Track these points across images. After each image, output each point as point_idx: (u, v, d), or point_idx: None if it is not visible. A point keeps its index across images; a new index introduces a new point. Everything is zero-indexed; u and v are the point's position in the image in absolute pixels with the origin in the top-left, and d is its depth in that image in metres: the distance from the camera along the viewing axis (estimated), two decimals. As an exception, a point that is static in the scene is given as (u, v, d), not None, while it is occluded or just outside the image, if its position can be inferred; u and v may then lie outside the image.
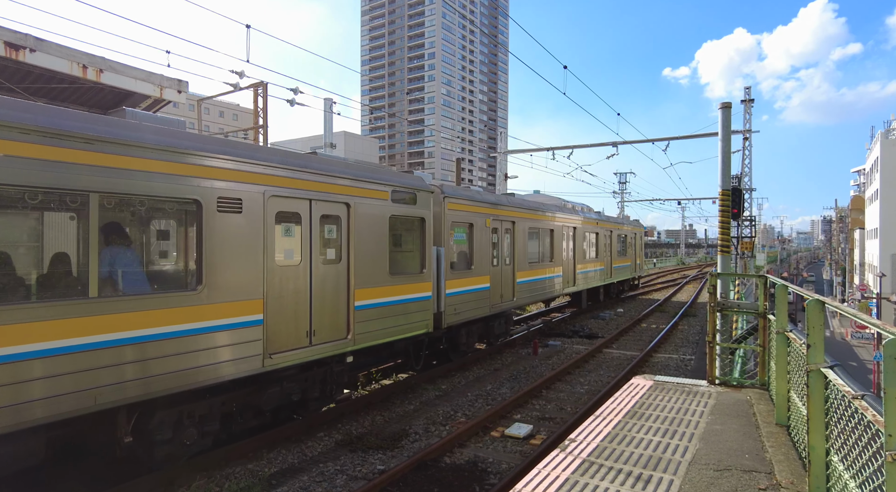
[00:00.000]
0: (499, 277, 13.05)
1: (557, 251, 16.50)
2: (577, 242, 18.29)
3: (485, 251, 12.25)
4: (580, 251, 18.59)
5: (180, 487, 6.14)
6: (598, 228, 20.64)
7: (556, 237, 16.45)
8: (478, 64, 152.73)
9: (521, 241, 14.14)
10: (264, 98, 17.92)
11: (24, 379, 4.50)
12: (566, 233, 17.43)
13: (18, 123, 4.53)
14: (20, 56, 8.13)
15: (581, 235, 18.71)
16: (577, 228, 18.41)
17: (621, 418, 5.26)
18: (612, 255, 22.26)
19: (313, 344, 7.31)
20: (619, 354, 14.10)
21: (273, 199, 6.83)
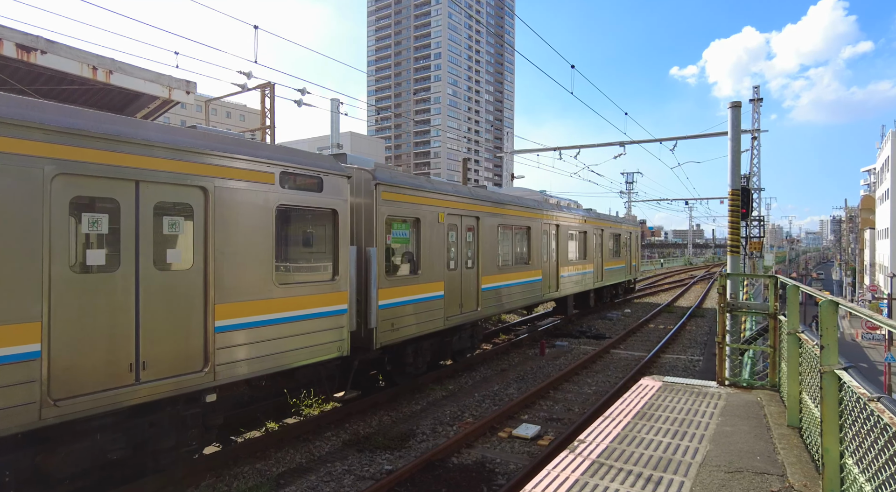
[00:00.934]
0: (457, 284, 10.97)
1: (536, 252, 14.50)
2: (560, 242, 16.30)
3: (437, 253, 10.18)
4: (564, 252, 16.62)
5: (189, 486, 6.17)
6: (586, 226, 18.71)
7: (535, 236, 14.49)
8: (484, 64, 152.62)
9: (489, 240, 12.10)
10: (271, 99, 17.98)
11: None
12: (547, 231, 15.47)
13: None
14: (31, 58, 8.20)
15: (565, 234, 16.82)
16: (561, 225, 16.42)
17: (630, 419, 5.23)
18: (602, 256, 20.40)
19: (142, 381, 5.31)
20: (627, 354, 14.04)
21: (64, 178, 4.82)
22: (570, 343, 15.30)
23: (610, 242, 21.54)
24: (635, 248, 25.77)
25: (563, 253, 16.51)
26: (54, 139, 4.75)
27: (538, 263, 14.59)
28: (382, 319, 8.63)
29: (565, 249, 16.69)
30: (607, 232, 21.10)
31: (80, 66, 8.23)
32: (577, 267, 17.90)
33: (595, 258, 19.51)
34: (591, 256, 19.09)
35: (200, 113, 61.57)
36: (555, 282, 15.94)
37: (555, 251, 15.94)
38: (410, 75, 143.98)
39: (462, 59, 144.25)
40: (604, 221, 20.96)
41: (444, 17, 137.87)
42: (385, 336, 8.73)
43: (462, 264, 11.28)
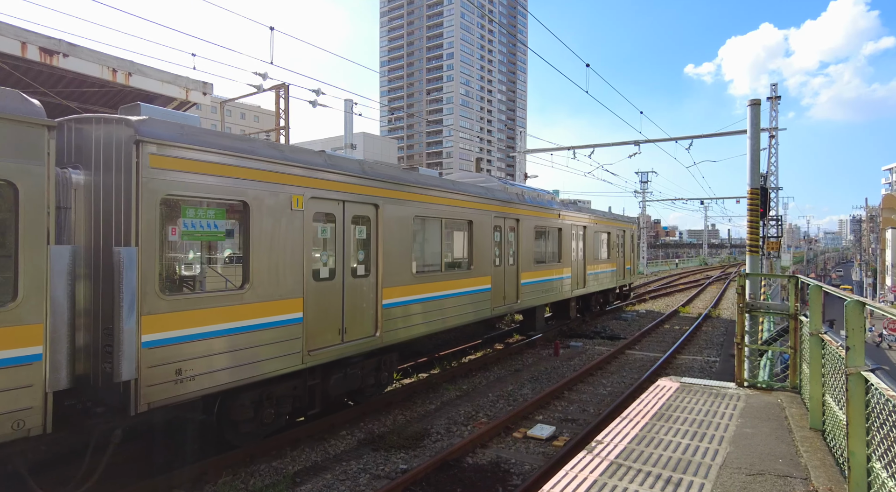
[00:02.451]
0: (331, 301, 7.54)
1: (482, 254, 11.33)
2: (523, 241, 13.13)
3: (284, 255, 6.76)
4: (528, 253, 13.44)
5: (207, 483, 6.23)
6: (560, 222, 15.29)
7: (480, 233, 11.28)
8: (496, 64, 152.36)
9: (396, 236, 8.63)
10: (286, 100, 18.12)
11: None
12: (500, 226, 12.25)
13: None
14: (54, 61, 8.36)
15: (529, 231, 13.46)
16: (524, 220, 13.13)
17: (648, 420, 5.18)
18: (585, 258, 17.13)
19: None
20: (642, 355, 13.91)
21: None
22: (585, 344, 15.21)
23: (596, 242, 18.26)
24: (630, 248, 22.18)
25: (527, 254, 13.31)
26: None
27: (485, 269, 11.40)
28: (153, 365, 5.32)
29: (529, 249, 13.43)
30: (592, 230, 17.83)
31: (101, 69, 8.36)
32: (548, 272, 14.47)
33: (573, 261, 16.19)
34: (569, 257, 15.79)
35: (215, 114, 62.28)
36: (514, 291, 12.65)
37: (514, 253, 12.84)
38: (423, 75, 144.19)
39: (475, 59, 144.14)
40: (588, 216, 17.68)
41: (456, 18, 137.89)
42: (161, 393, 5.40)
43: (344, 272, 7.79)
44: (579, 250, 16.68)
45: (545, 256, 14.66)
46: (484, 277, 11.44)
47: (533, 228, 13.74)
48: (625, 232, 21.44)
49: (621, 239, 20.98)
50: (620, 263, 20.85)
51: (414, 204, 9.16)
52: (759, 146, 8.85)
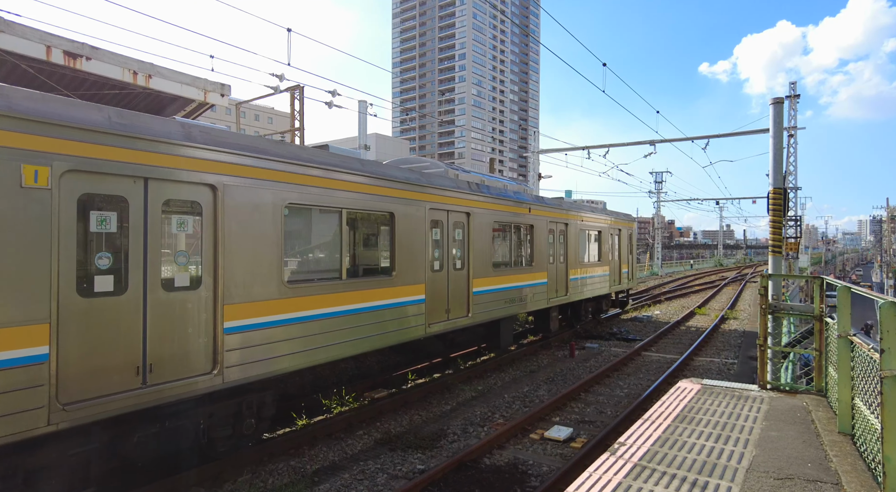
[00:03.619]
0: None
1: (407, 257, 8.84)
2: (475, 240, 10.63)
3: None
4: (484, 255, 10.90)
5: (226, 481, 6.27)
6: (529, 218, 12.71)
7: (406, 230, 8.82)
8: (509, 64, 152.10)
9: (249, 235, 6.21)
10: (301, 101, 18.24)
11: None
12: (441, 222, 9.81)
13: None
14: (77, 64, 8.49)
15: (485, 229, 10.90)
16: (476, 214, 10.64)
17: (671, 422, 5.11)
18: (565, 261, 14.51)
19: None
20: (659, 357, 13.78)
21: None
22: (601, 345, 15.09)
23: (582, 242, 15.70)
24: (626, 249, 19.37)
25: (482, 256, 10.81)
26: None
27: (415, 274, 8.95)
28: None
29: (485, 249, 10.93)
30: (576, 228, 15.20)
31: (122, 71, 8.48)
32: (513, 277, 11.98)
33: (553, 264, 13.88)
34: (544, 260, 13.30)
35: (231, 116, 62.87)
36: (462, 301, 10.23)
37: (466, 254, 10.39)
38: (435, 76, 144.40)
39: (487, 60, 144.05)
40: (571, 211, 14.98)
41: (468, 18, 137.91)
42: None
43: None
44: (559, 252, 14.15)
45: (510, 259, 12.16)
46: (412, 285, 8.90)
47: (491, 224, 11.13)
48: (620, 231, 18.74)
49: (616, 239, 18.45)
50: (615, 266, 18.18)
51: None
52: (783, 145, 8.70)
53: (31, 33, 8.06)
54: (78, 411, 4.76)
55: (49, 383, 4.58)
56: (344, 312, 7.52)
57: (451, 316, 9.95)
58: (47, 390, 4.57)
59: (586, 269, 15.89)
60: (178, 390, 5.50)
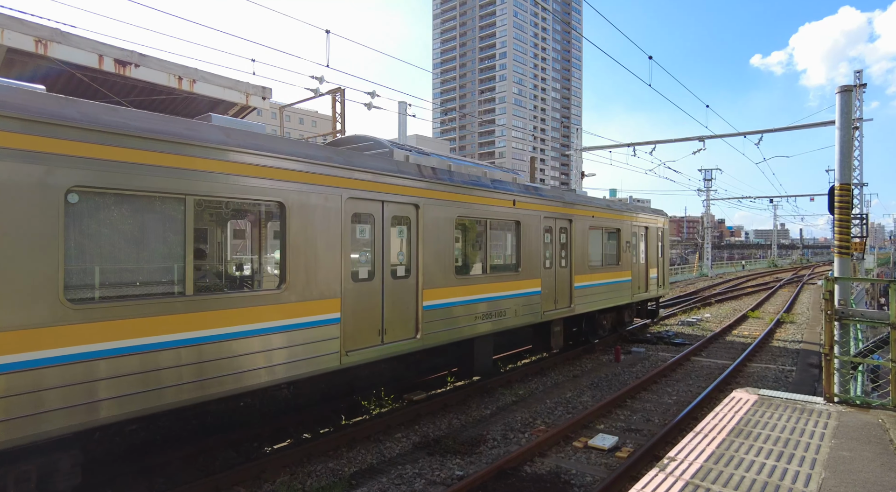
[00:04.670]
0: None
1: (305, 263, 6.58)
2: (423, 240, 8.31)
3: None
4: (437, 261, 8.54)
5: (266, 481, 6.30)
6: (513, 213, 10.30)
7: (305, 228, 6.57)
8: (550, 61, 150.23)
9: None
10: (342, 103, 18.42)
11: None
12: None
13: None
14: (127, 71, 8.79)
15: (434, 225, 8.51)
16: (424, 205, 8.32)
17: (725, 435, 4.77)
18: (571, 265, 12.20)
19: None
20: (709, 362, 13.15)
21: None
22: (647, 349, 14.55)
23: (592, 243, 13.28)
24: (655, 250, 16.56)
25: (438, 261, 8.58)
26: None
27: (327, 286, 6.79)
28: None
29: (445, 252, 8.69)
30: (584, 225, 12.75)
31: (168, 77, 8.73)
32: (489, 287, 9.69)
33: (550, 269, 11.49)
34: (535, 265, 10.88)
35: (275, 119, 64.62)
36: (409, 320, 8.07)
37: (413, 258, 8.22)
38: (475, 76, 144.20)
39: (528, 58, 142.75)
40: (571, 205, 12.28)
41: (509, 17, 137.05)
42: None
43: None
44: (558, 255, 11.76)
45: (484, 263, 9.74)
46: (321, 300, 6.65)
47: (452, 219, 8.83)
48: (647, 229, 15.93)
49: (641, 238, 15.69)
50: (640, 270, 15.49)
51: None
52: (851, 138, 8.08)
53: (84, 43, 8.38)
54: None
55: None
56: (189, 341, 5.39)
57: (389, 338, 7.67)
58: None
59: (598, 274, 13.36)
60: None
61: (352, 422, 8.33)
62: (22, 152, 4.37)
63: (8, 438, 4.23)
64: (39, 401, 4.40)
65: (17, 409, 4.28)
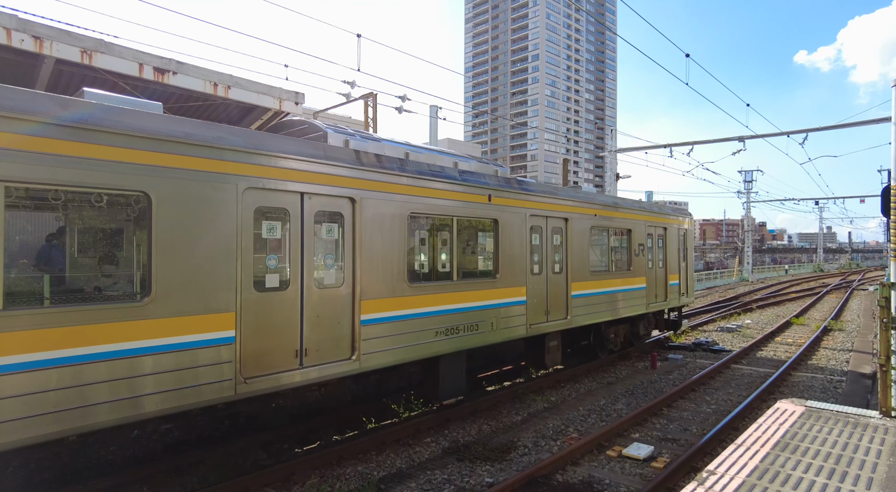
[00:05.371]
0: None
1: (174, 270, 5.23)
2: (364, 242, 6.90)
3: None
4: (382, 265, 7.13)
5: (296, 484, 6.32)
6: (490, 211, 8.89)
7: (179, 227, 5.28)
8: (584, 62, 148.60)
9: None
10: (374, 108, 18.57)
11: None
12: (246, 210, 5.80)
13: None
14: (165, 79, 9.05)
15: (381, 224, 7.12)
16: (362, 200, 6.88)
17: (769, 449, 4.52)
18: (564, 270, 10.61)
19: None
20: (751, 370, 12.63)
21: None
22: (685, 356, 14.09)
23: (592, 246, 11.69)
24: (677, 254, 14.96)
25: (387, 266, 7.19)
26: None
27: (215, 297, 5.50)
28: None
29: (393, 255, 7.26)
30: (585, 225, 11.20)
31: (204, 84, 8.94)
32: (455, 296, 8.25)
33: (539, 275, 9.99)
34: (518, 270, 9.41)
35: (310, 125, 65.65)
36: (345, 337, 6.68)
37: (349, 263, 6.77)
38: (507, 79, 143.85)
39: (561, 59, 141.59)
40: (564, 201, 10.68)
41: (541, 19, 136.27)
42: None
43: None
44: (549, 259, 10.24)
45: (451, 268, 8.41)
46: (207, 315, 5.39)
47: (403, 217, 7.37)
48: (665, 230, 14.33)
49: (658, 240, 14.07)
50: (656, 276, 13.87)
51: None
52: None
53: (126, 52, 8.66)
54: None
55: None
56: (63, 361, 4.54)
57: (312, 360, 6.25)
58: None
59: (604, 281, 11.76)
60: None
61: (380, 425, 8.31)
62: None
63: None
64: None
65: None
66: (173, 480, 6.26)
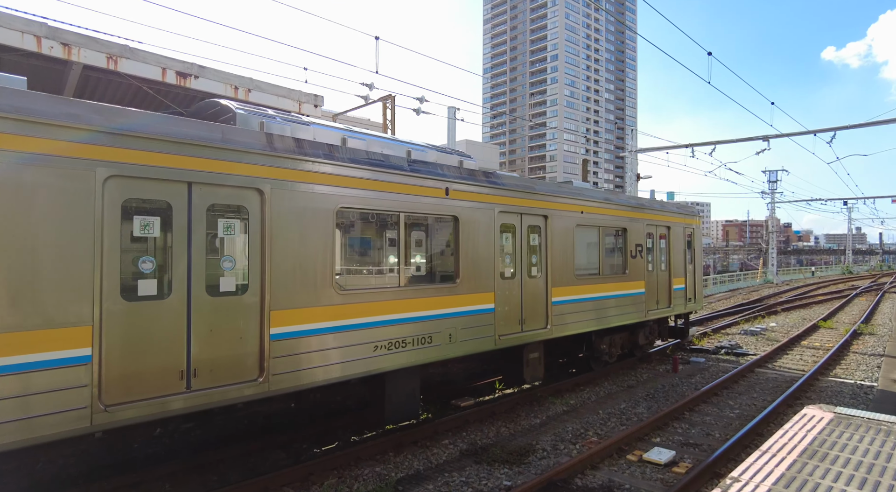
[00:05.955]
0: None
1: (16, 278, 4.29)
2: (275, 242, 5.83)
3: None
4: (300, 267, 6.06)
5: (314, 484, 6.35)
6: (447, 205, 7.80)
7: (13, 220, 4.30)
8: (603, 62, 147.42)
9: None
10: (392, 110, 18.65)
11: None
12: (112, 203, 4.84)
13: None
14: (187, 83, 9.22)
15: (308, 220, 6.14)
16: (272, 191, 5.82)
17: (796, 457, 4.39)
18: (544, 272, 9.46)
19: None
20: (776, 374, 12.34)
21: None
22: (708, 359, 13.84)
23: (583, 246, 10.61)
24: (682, 256, 13.81)
25: (308, 270, 6.15)
26: None
27: (65, 309, 4.52)
28: None
29: (316, 256, 6.22)
30: (568, 222, 9.94)
31: (225, 87, 9.08)
32: (412, 303, 7.29)
33: (512, 279, 8.87)
34: (489, 275, 8.36)
35: (329, 128, 66.16)
36: (252, 354, 5.67)
37: (258, 267, 5.75)
38: (526, 79, 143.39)
39: (580, 59, 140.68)
40: (542, 196, 9.49)
41: (560, 19, 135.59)
42: None
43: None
44: (524, 261, 9.08)
45: (398, 275, 7.33)
46: (48, 330, 4.44)
47: (327, 212, 6.28)
48: (669, 230, 13.20)
49: (658, 241, 12.87)
50: (657, 281, 12.69)
51: None
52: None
53: (150, 58, 8.84)
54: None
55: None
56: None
57: (204, 383, 5.27)
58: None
59: (592, 286, 10.52)
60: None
61: (398, 426, 8.32)
62: None
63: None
64: None
65: None
66: (193, 478, 6.35)
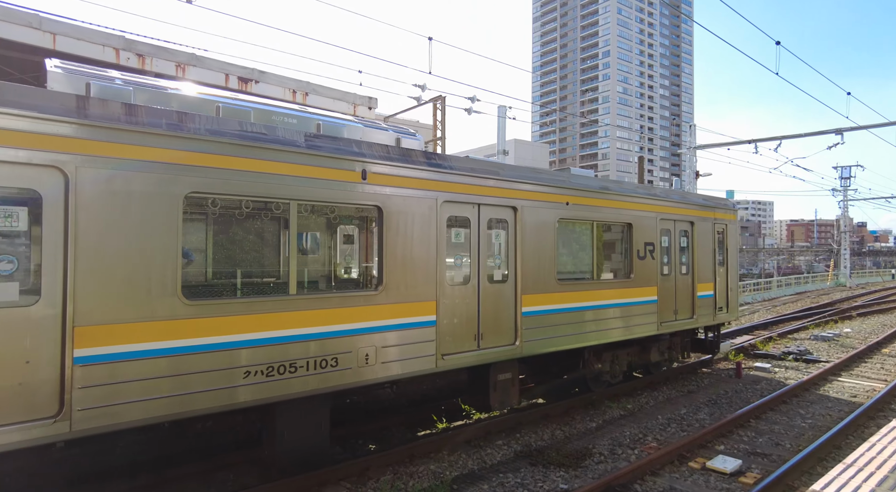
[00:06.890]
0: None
1: None
2: (123, 238, 4.65)
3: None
4: (135, 269, 4.73)
5: (370, 479, 6.44)
6: (393, 193, 6.41)
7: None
8: (657, 57, 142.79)
9: None
10: (442, 111, 18.73)
11: None
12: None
13: None
14: (248, 87, 9.57)
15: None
16: (70, 166, 4.41)
17: (887, 472, 4.08)
18: (515, 279, 7.84)
19: None
20: (853, 383, 11.54)
21: None
22: (774, 365, 13.12)
23: (571, 244, 9.03)
24: (710, 258, 11.61)
25: (139, 273, 4.77)
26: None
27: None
28: None
29: (155, 257, 4.85)
30: (542, 216, 8.18)
31: (283, 91, 9.37)
32: (307, 316, 5.74)
33: (460, 289, 7.24)
34: (427, 280, 6.76)
35: (380, 130, 67.29)
36: (46, 389, 4.34)
37: (64, 272, 4.43)
38: (577, 77, 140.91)
39: (633, 55, 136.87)
40: (515, 183, 7.83)
41: (612, 14, 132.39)
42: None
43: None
44: (480, 263, 7.45)
45: (291, 280, 5.83)
46: None
47: (171, 198, 4.94)
48: (693, 225, 11.11)
49: (677, 238, 10.82)
50: (675, 286, 10.66)
51: None
52: None
53: (213, 64, 9.24)
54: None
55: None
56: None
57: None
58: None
59: (580, 293, 8.71)
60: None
61: (451, 425, 8.32)
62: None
63: None
64: None
65: None
66: (250, 471, 6.57)
